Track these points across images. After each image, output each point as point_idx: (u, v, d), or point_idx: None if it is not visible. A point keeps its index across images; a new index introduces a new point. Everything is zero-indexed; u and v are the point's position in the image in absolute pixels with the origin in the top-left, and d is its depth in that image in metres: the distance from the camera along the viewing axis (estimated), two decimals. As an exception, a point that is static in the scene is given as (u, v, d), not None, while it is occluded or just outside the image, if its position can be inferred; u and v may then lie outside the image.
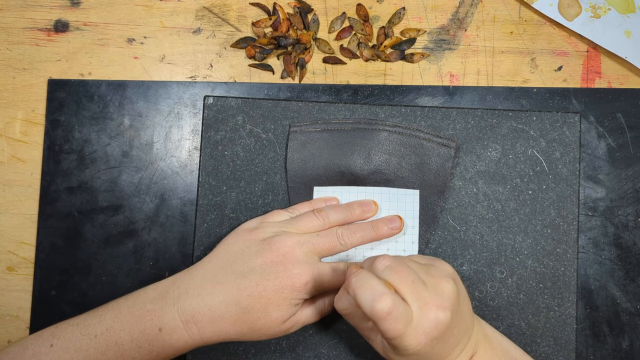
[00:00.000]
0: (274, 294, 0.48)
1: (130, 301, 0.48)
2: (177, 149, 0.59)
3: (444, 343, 0.44)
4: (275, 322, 0.48)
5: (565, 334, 0.55)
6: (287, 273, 0.48)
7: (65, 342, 0.46)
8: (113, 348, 0.46)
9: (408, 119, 0.57)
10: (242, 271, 0.48)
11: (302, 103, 0.58)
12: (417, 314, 0.42)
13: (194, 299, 0.47)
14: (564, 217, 0.56)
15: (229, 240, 0.52)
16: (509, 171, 0.57)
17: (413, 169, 0.56)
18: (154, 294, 0.48)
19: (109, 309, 0.48)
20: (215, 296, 0.47)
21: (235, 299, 0.47)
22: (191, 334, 0.47)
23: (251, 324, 0.48)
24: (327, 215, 0.53)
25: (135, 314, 0.47)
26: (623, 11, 0.59)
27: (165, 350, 0.47)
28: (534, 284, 0.56)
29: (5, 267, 0.58)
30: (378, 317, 0.41)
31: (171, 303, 0.47)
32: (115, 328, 0.46)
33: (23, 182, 0.59)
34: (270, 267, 0.48)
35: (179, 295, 0.47)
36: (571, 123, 0.57)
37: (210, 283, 0.48)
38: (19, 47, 0.60)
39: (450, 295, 0.44)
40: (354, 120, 0.57)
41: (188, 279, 0.49)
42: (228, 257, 0.50)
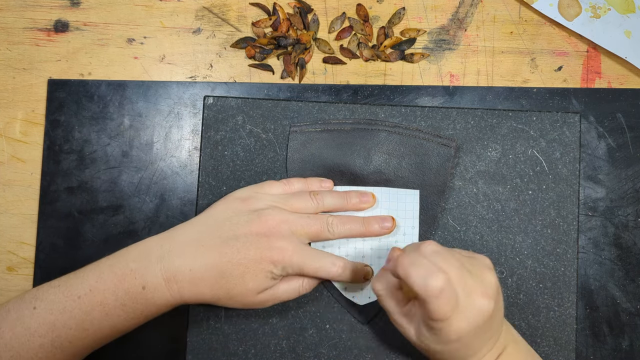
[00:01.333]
0: (252, 263, 0.48)
1: (112, 260, 0.48)
2: (177, 149, 0.59)
3: (482, 334, 0.45)
4: (250, 291, 0.49)
5: (565, 334, 0.55)
6: (269, 245, 0.48)
7: (48, 303, 0.46)
8: (97, 308, 0.46)
9: (408, 119, 0.57)
10: (226, 237, 0.49)
11: (302, 103, 0.58)
12: (463, 298, 0.43)
13: (177, 259, 0.48)
14: (564, 217, 0.56)
15: (218, 206, 0.52)
16: (509, 171, 0.57)
17: (413, 169, 0.56)
18: (136, 252, 0.49)
19: (91, 269, 0.48)
20: (198, 258, 0.48)
21: (215, 263, 0.48)
22: (172, 293, 0.48)
23: (227, 290, 0.48)
24: (322, 199, 0.53)
25: (118, 273, 0.47)
26: (623, 11, 0.59)
27: (148, 307, 0.48)
28: (534, 284, 0.56)
29: (5, 267, 0.58)
30: (431, 294, 0.41)
31: (155, 261, 0.48)
32: (98, 288, 0.47)
33: (23, 182, 0.59)
34: (254, 237, 0.49)
35: (162, 255, 0.48)
36: (571, 123, 0.57)
37: (195, 245, 0.48)
38: (19, 47, 0.60)
39: (493, 286, 0.44)
40: (353, 121, 0.57)
41: (172, 239, 0.49)
42: (216, 222, 0.50)
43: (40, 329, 0.46)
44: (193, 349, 0.56)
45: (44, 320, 0.46)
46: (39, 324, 0.46)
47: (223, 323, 0.56)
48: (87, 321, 0.46)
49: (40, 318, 0.46)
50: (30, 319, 0.46)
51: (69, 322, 0.46)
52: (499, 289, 0.45)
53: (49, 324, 0.46)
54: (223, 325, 0.56)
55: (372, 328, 0.56)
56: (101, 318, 0.47)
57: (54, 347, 0.46)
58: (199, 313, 0.56)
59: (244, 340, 0.56)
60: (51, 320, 0.46)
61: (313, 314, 0.56)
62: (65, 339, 0.46)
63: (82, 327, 0.46)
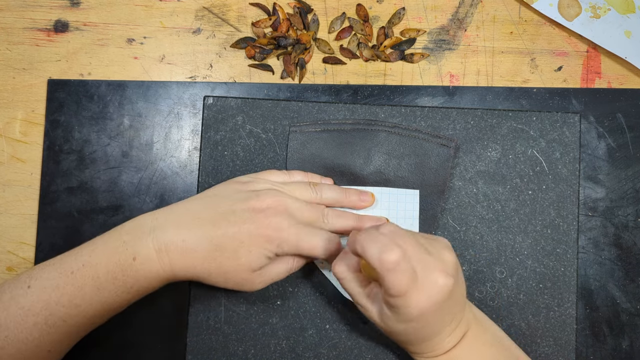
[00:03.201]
0: (247, 237, 0.48)
1: (106, 236, 0.48)
2: (176, 149, 0.59)
3: (443, 313, 0.45)
4: (242, 268, 0.48)
5: (565, 334, 0.55)
6: (266, 221, 0.48)
7: (42, 281, 0.46)
8: (89, 283, 0.46)
9: (408, 119, 0.57)
10: (223, 211, 0.48)
11: (302, 103, 0.58)
12: (421, 274, 0.43)
13: (171, 230, 0.47)
14: (564, 217, 0.56)
15: (218, 186, 0.52)
16: (509, 171, 0.57)
17: (413, 169, 0.56)
18: (131, 225, 0.48)
19: (86, 246, 0.48)
20: (192, 230, 0.47)
21: (209, 235, 0.47)
22: (162, 265, 0.47)
23: (219, 264, 0.48)
24: (321, 191, 0.53)
25: (111, 245, 0.47)
26: (623, 11, 0.59)
27: (138, 280, 0.47)
28: (534, 284, 0.56)
29: (5, 267, 0.58)
30: (386, 267, 0.42)
31: (147, 232, 0.47)
32: (91, 263, 0.46)
33: (23, 182, 0.59)
34: (251, 213, 0.48)
35: (156, 226, 0.48)
36: (571, 123, 0.57)
37: (190, 217, 0.48)
38: (18, 47, 0.60)
39: (452, 263, 0.45)
40: (353, 121, 0.57)
41: (168, 212, 0.49)
42: (214, 199, 0.50)
43: (33, 307, 0.45)
44: (193, 349, 0.56)
45: (38, 298, 0.46)
46: (33, 302, 0.46)
47: (223, 323, 0.56)
48: (78, 297, 0.46)
49: (34, 296, 0.46)
50: (25, 297, 0.46)
51: (61, 299, 0.46)
52: (458, 268, 0.46)
53: (43, 302, 0.46)
54: (223, 326, 0.56)
55: (372, 328, 0.56)
56: (92, 293, 0.46)
57: (47, 326, 0.46)
58: (199, 314, 0.56)
59: (244, 340, 0.56)
60: (45, 298, 0.46)
61: (313, 314, 0.56)
62: (58, 317, 0.46)
63: (74, 304, 0.46)
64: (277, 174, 0.54)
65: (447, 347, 0.47)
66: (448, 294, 0.44)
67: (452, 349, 0.47)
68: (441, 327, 0.46)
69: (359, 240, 0.44)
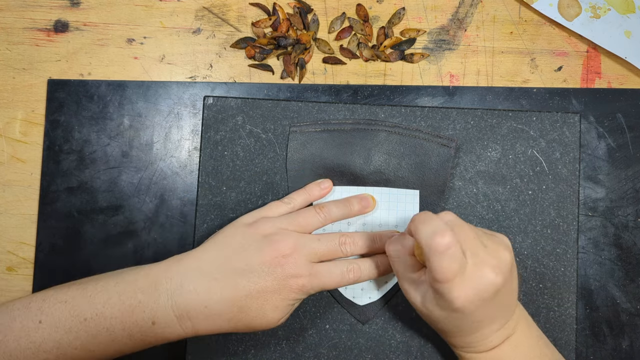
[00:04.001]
0: (271, 295, 0.47)
1: (120, 286, 0.47)
2: (176, 149, 0.59)
3: (488, 310, 0.44)
4: (270, 321, 0.48)
5: (565, 334, 0.55)
6: (286, 274, 0.48)
7: (54, 320, 0.46)
8: (104, 334, 0.46)
9: (408, 119, 0.57)
10: (240, 269, 0.48)
11: (302, 103, 0.58)
12: (471, 268, 0.43)
13: (189, 295, 0.46)
14: (564, 218, 0.56)
15: (226, 232, 0.50)
16: (509, 171, 0.57)
17: (413, 169, 0.56)
18: (145, 283, 0.47)
19: (98, 290, 0.47)
20: (212, 294, 0.47)
21: (232, 298, 0.47)
22: (184, 329, 0.47)
23: (246, 322, 0.48)
24: (328, 212, 0.52)
25: (126, 302, 0.46)
26: (623, 11, 0.59)
27: (157, 340, 0.47)
28: (534, 284, 0.56)
29: (5, 267, 0.58)
30: (435, 250, 0.42)
31: (165, 297, 0.46)
32: (105, 315, 0.46)
33: (23, 182, 0.59)
34: (269, 268, 0.48)
35: (173, 289, 0.46)
36: (571, 123, 0.57)
37: (207, 279, 0.47)
38: (18, 47, 0.60)
39: (507, 262, 0.44)
40: (353, 121, 0.57)
41: (182, 271, 0.48)
42: (226, 251, 0.49)
43: (45, 344, 0.45)
44: (193, 349, 0.56)
45: (50, 337, 0.45)
46: (45, 340, 0.45)
47: (223, 323, 0.56)
48: (93, 344, 0.46)
49: (46, 334, 0.45)
50: (36, 332, 0.45)
51: (74, 342, 0.45)
52: (513, 268, 0.45)
53: (55, 341, 0.45)
54: (223, 326, 0.56)
55: (372, 328, 0.56)
56: (107, 343, 0.46)
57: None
58: (199, 313, 0.56)
59: (244, 340, 0.56)
60: (57, 338, 0.45)
61: (313, 314, 0.56)
62: (70, 357, 0.46)
63: (88, 349, 0.46)
64: (279, 207, 0.53)
65: (490, 345, 0.47)
66: (494, 291, 0.43)
67: (495, 348, 0.47)
68: (484, 324, 0.45)
69: (414, 220, 0.44)
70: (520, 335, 0.48)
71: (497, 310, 0.45)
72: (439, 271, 0.42)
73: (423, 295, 0.46)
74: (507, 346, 0.47)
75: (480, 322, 0.45)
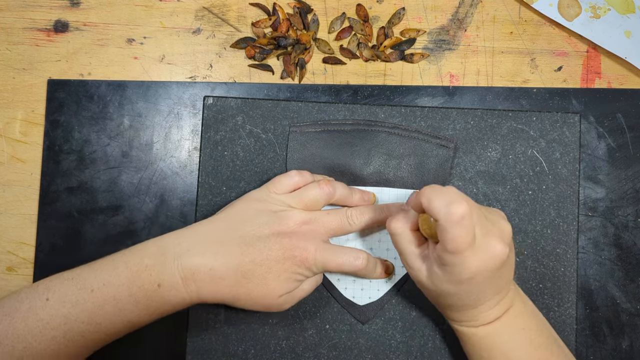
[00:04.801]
0: (275, 263, 0.48)
1: (127, 256, 0.47)
2: (176, 149, 0.59)
3: (492, 282, 0.45)
4: (272, 293, 0.48)
5: (565, 334, 0.55)
6: (292, 245, 0.48)
7: (61, 296, 0.46)
8: (111, 302, 0.46)
9: (408, 120, 0.57)
10: (248, 237, 0.48)
11: (302, 103, 0.58)
12: (480, 239, 0.43)
13: (196, 257, 0.47)
14: (564, 218, 0.56)
15: (237, 204, 0.51)
16: (509, 171, 0.57)
17: (412, 169, 0.56)
18: (154, 248, 0.47)
19: (105, 263, 0.47)
20: (219, 257, 0.47)
21: (237, 263, 0.47)
22: (189, 292, 0.47)
23: (249, 290, 0.48)
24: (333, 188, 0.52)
25: (133, 269, 0.46)
26: (623, 11, 0.59)
27: (163, 305, 0.47)
28: (534, 284, 0.56)
29: (5, 267, 0.58)
30: (452, 219, 0.42)
31: (171, 259, 0.47)
32: (112, 283, 0.46)
33: (23, 182, 0.59)
34: (277, 238, 0.48)
35: (180, 253, 0.47)
36: (571, 123, 0.57)
37: (215, 243, 0.48)
38: (18, 48, 0.60)
39: (509, 233, 0.45)
40: (353, 121, 0.57)
41: (191, 236, 0.48)
42: (235, 221, 0.49)
43: (52, 321, 0.45)
44: (193, 350, 0.56)
45: (57, 312, 0.45)
46: (52, 316, 0.45)
47: (223, 323, 0.56)
48: (99, 315, 0.46)
49: (53, 310, 0.45)
50: (43, 310, 0.45)
51: (81, 315, 0.46)
52: (512, 240, 0.46)
53: (62, 316, 0.45)
54: (223, 326, 0.56)
55: (372, 328, 0.56)
56: (114, 313, 0.46)
57: (66, 340, 0.46)
58: (199, 314, 0.56)
59: (244, 340, 0.56)
60: (64, 312, 0.45)
61: (313, 314, 0.56)
62: (77, 332, 0.46)
63: (95, 321, 0.46)
64: (286, 182, 0.52)
65: (489, 319, 0.47)
66: (502, 262, 0.44)
67: (493, 322, 0.47)
68: (487, 297, 0.46)
69: (426, 193, 0.44)
70: (517, 308, 0.48)
71: (499, 282, 0.46)
72: (454, 241, 0.42)
73: (429, 269, 0.46)
74: (505, 319, 0.48)
75: (483, 295, 0.46)
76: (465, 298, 0.46)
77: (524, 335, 0.48)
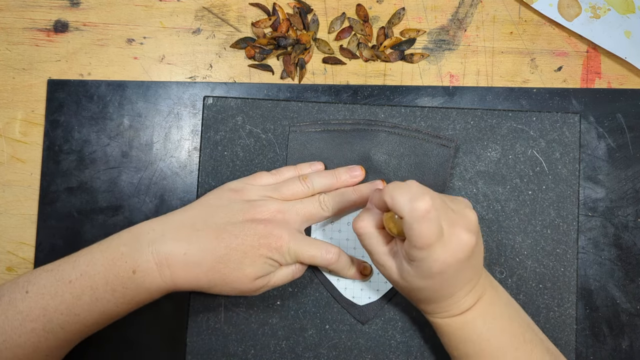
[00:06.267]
0: (250, 249, 0.48)
1: (104, 245, 0.48)
2: (176, 150, 0.59)
3: (463, 271, 0.45)
4: (247, 278, 0.48)
5: (565, 334, 0.55)
6: (267, 232, 0.48)
7: (40, 288, 0.46)
8: (88, 292, 0.46)
9: (408, 120, 0.57)
10: (222, 223, 0.48)
11: (302, 103, 0.58)
12: (447, 230, 0.43)
13: (170, 242, 0.47)
14: (564, 218, 0.56)
15: (211, 194, 0.52)
16: (509, 171, 0.57)
17: (412, 169, 0.56)
18: (128, 236, 0.48)
19: (83, 254, 0.48)
20: (193, 242, 0.47)
21: (212, 248, 0.47)
22: (164, 278, 0.47)
23: (224, 275, 0.48)
24: (311, 181, 0.53)
25: (109, 257, 0.47)
26: (623, 11, 0.59)
27: (139, 293, 0.47)
28: (534, 284, 0.56)
29: (5, 267, 0.58)
30: (416, 215, 0.41)
31: (145, 245, 0.47)
32: (89, 272, 0.46)
33: (23, 182, 0.59)
34: (251, 224, 0.48)
35: (154, 238, 0.47)
36: (571, 123, 0.57)
37: (189, 229, 0.48)
38: (18, 48, 0.60)
39: (475, 222, 0.45)
40: (353, 121, 0.57)
41: (165, 223, 0.49)
42: (210, 208, 0.50)
43: (32, 313, 0.45)
44: (192, 350, 0.56)
45: (36, 304, 0.46)
46: (31, 308, 0.45)
47: (223, 323, 0.56)
48: (77, 306, 0.46)
49: (32, 302, 0.46)
50: (23, 302, 0.46)
51: (60, 306, 0.46)
52: (479, 228, 0.46)
53: (41, 308, 0.46)
54: (223, 326, 0.56)
55: (372, 328, 0.56)
56: (91, 303, 0.46)
57: (45, 332, 0.46)
58: (199, 314, 0.56)
59: (244, 340, 0.56)
60: (43, 304, 0.46)
61: (313, 314, 0.56)
62: (56, 323, 0.46)
63: (73, 312, 0.46)
64: (266, 177, 0.54)
65: (463, 308, 0.47)
66: (470, 251, 0.44)
67: (467, 311, 0.47)
68: (458, 287, 0.46)
69: (388, 190, 0.43)
70: (489, 296, 0.48)
71: (470, 271, 0.46)
72: (420, 237, 0.42)
73: (399, 266, 0.46)
74: (478, 307, 0.48)
75: (455, 286, 0.46)
76: (438, 290, 0.46)
77: (497, 324, 0.48)
